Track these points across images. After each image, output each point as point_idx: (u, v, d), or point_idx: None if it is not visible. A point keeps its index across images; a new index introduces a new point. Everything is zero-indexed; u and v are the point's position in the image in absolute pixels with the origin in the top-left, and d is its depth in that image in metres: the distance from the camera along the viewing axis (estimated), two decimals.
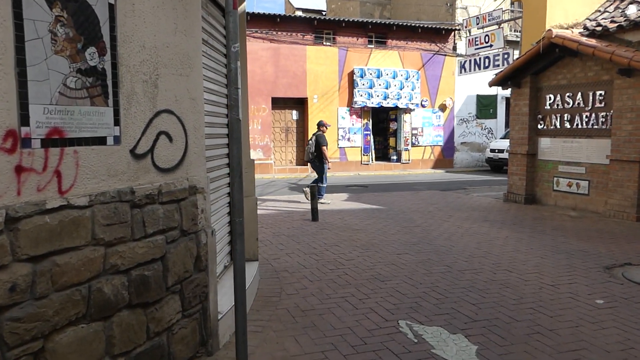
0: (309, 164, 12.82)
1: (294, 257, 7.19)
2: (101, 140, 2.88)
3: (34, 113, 2.47)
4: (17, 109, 2.40)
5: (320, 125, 12.73)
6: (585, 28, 11.35)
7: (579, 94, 11.18)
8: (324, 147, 12.30)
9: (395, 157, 24.39)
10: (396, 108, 23.57)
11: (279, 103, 22.06)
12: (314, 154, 12.38)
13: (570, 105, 11.42)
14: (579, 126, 11.24)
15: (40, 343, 2.55)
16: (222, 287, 4.73)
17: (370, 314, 4.92)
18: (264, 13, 21.02)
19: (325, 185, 12.61)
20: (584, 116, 11.12)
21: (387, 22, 23.53)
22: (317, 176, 12.64)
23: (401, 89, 23.03)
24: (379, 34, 23.28)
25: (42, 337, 2.56)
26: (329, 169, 12.57)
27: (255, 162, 20.98)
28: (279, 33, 21.41)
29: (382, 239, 8.35)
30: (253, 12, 20.78)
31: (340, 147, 22.65)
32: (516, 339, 4.35)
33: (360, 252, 7.50)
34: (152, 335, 3.33)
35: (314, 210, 10.19)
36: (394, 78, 22.88)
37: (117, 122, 2.98)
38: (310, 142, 12.53)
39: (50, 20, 2.53)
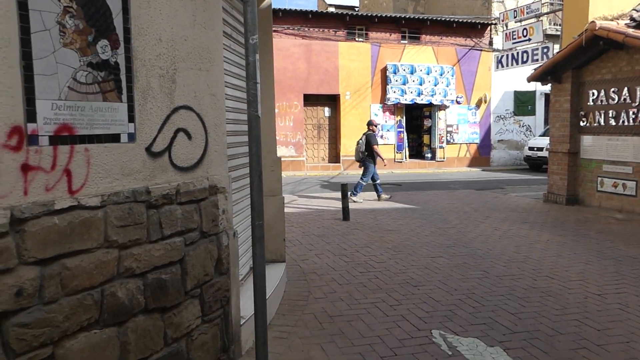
0: (358, 163, 12.69)
1: (323, 259, 7.00)
2: (114, 138, 2.75)
3: (41, 109, 2.35)
4: (23, 104, 2.27)
5: (370, 124, 12.59)
6: (632, 19, 10.75)
7: (625, 89, 10.59)
8: (376, 146, 12.20)
9: (429, 155, 23.91)
10: (430, 105, 23.09)
11: (311, 100, 21.90)
12: (364, 154, 12.25)
13: (616, 101, 10.83)
14: (625, 123, 10.65)
15: (50, 349, 2.43)
16: (246, 290, 4.57)
17: (402, 322, 4.67)
18: (295, 9, 20.90)
19: (364, 184, 12.41)
20: (631, 112, 10.53)
21: (421, 17, 23.05)
22: (373, 177, 12.47)
23: (435, 85, 22.53)
24: (413, 29, 22.84)
25: (52, 344, 2.44)
26: (385, 165, 12.51)
27: (287, 159, 20.92)
28: (311, 29, 21.25)
29: (415, 241, 8.07)
30: (285, 9, 20.68)
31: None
32: (560, 354, 4.03)
33: (392, 254, 7.24)
34: (170, 341, 3.19)
35: (345, 210, 9.98)
36: (428, 74, 22.41)
37: (131, 119, 2.84)
38: (360, 141, 12.38)
39: (58, 12, 2.40)
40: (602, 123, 11.16)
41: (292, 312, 4.91)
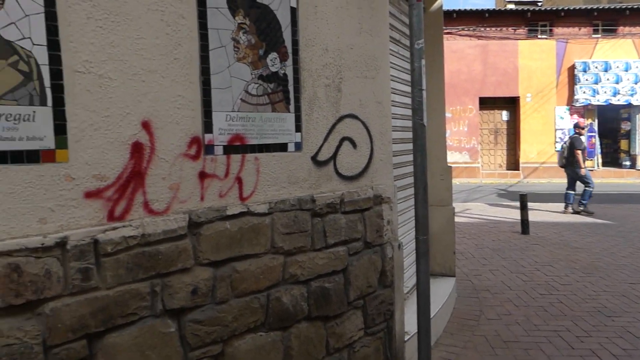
0: (563, 169, 11.54)
1: (497, 275, 6.49)
2: (282, 147, 2.83)
3: (217, 120, 2.51)
4: (202, 116, 2.45)
5: (576, 126, 11.46)
6: None
7: None
8: (578, 151, 10.95)
9: (628, 163, 20.98)
10: (629, 106, 20.27)
11: (487, 103, 20.80)
12: (568, 159, 11.17)
13: None
14: None
15: (220, 347, 2.57)
16: (412, 304, 4.39)
17: (591, 358, 4.06)
18: (470, 9, 20.09)
19: (592, 189, 11.15)
20: None
21: (618, 7, 20.40)
22: (575, 184, 11.32)
23: (636, 83, 19.72)
24: (607, 21, 20.33)
25: (222, 342, 2.58)
26: (583, 175, 11.08)
27: (461, 165, 20.11)
28: (488, 29, 20.21)
29: (609, 262, 7.07)
30: (459, 9, 20.00)
31: (557, 151, 20.39)
32: None
33: (579, 275, 6.43)
34: (331, 350, 3.19)
35: (525, 222, 9.19)
36: (626, 71, 19.72)
37: (298, 128, 2.90)
38: (563, 145, 11.38)
39: (233, 29, 2.55)
40: None
41: (461, 332, 4.61)
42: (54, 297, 1.92)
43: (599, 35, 20.28)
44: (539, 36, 20.45)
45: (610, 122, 21.87)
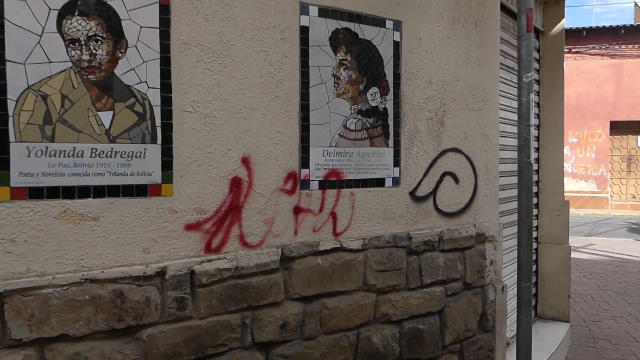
0: None
1: (621, 323, 5.84)
2: (379, 182, 2.80)
3: (313, 155, 2.54)
4: (299, 152, 2.49)
5: None
6: None
7: None
8: None
9: None
10: None
11: (619, 127, 18.99)
12: None
13: None
14: None
15: None
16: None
17: None
18: (603, 26, 18.57)
19: None
20: None
21: None
22: None
23: None
24: None
25: None
26: None
27: (586, 195, 18.54)
28: (623, 47, 18.53)
29: None
30: (590, 27, 18.59)
31: None
32: None
33: None
34: None
35: None
36: None
37: (396, 163, 2.85)
38: None
39: (334, 65, 2.58)
40: None
41: None
42: (151, 323, 2.05)
43: None
44: None
45: None
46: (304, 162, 2.51)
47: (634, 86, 18.42)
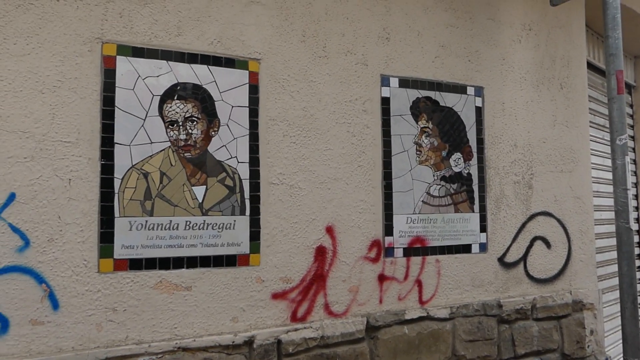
0: None
1: None
2: (465, 248, 2.72)
3: (397, 223, 2.53)
4: (382, 219, 2.50)
5: None
6: None
7: None
8: None
9: None
10: None
11: None
12: None
13: None
14: None
15: None
16: None
17: None
18: None
19: None
20: None
21: None
22: None
23: None
24: None
25: None
26: None
27: None
28: None
29: None
30: None
31: None
32: None
33: None
34: None
35: None
36: None
37: (483, 228, 2.77)
38: None
39: (416, 133, 2.60)
40: None
41: None
42: None
43: None
44: None
45: None
46: (388, 230, 2.50)
47: None
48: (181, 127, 2.08)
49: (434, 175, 2.64)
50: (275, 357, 2.16)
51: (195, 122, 2.10)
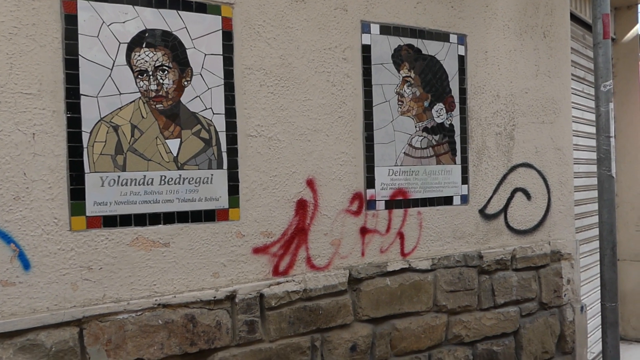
0: None
1: None
2: (447, 200, 2.70)
3: (379, 175, 2.49)
4: (364, 172, 2.45)
5: None
6: None
7: None
8: None
9: None
10: None
11: None
12: None
13: None
14: None
15: None
16: None
17: None
18: None
19: None
20: None
21: None
22: None
23: None
24: None
25: None
26: None
27: None
28: None
29: None
30: None
31: None
32: None
33: None
34: None
35: None
36: None
37: (465, 180, 2.75)
38: None
39: (397, 83, 2.53)
40: None
41: None
42: (222, 347, 2.05)
43: None
44: None
45: None
46: (370, 182, 2.46)
47: None
48: (151, 77, 1.97)
49: (416, 127, 2.58)
50: (258, 311, 2.14)
51: (166, 72, 1.99)
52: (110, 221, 1.90)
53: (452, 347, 2.73)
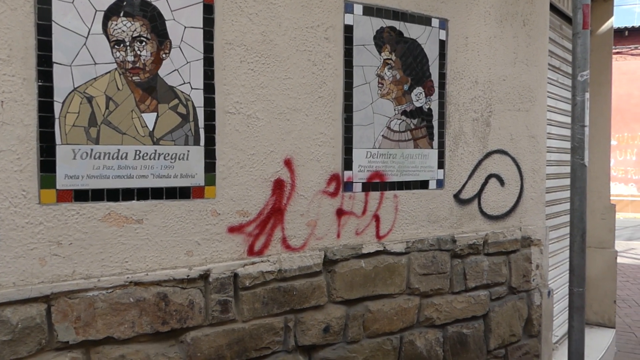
0: None
1: None
2: (423, 184, 2.72)
3: (357, 157, 2.48)
4: (342, 153, 2.44)
5: None
6: None
7: None
8: None
9: None
10: None
11: None
12: None
13: None
14: None
15: None
16: (560, 356, 3.96)
17: None
18: None
19: None
20: None
21: None
22: None
23: None
24: None
25: None
26: None
27: (626, 199, 17.97)
28: None
29: None
30: (631, 27, 17.91)
31: None
32: None
33: None
34: None
35: None
36: None
37: (441, 165, 2.77)
38: None
39: (378, 65, 2.51)
40: None
41: None
42: (195, 326, 2.03)
43: None
44: None
45: None
46: (347, 164, 2.45)
47: None
48: (128, 47, 1.90)
49: (395, 110, 2.58)
50: (232, 290, 2.12)
51: (144, 43, 1.93)
52: (81, 195, 1.84)
53: (423, 329, 2.77)
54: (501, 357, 3.13)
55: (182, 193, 2.02)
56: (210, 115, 2.06)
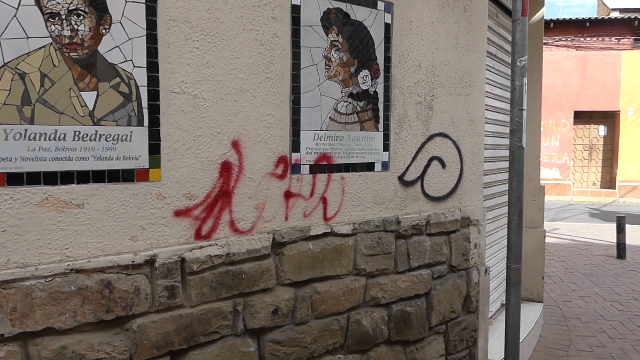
0: None
1: (589, 302, 6.03)
2: (369, 166, 2.75)
3: (304, 139, 2.47)
4: (290, 135, 2.42)
5: None
6: None
7: None
8: None
9: None
10: None
11: (582, 117, 19.48)
12: None
13: None
14: None
15: None
16: (495, 329, 4.18)
17: None
18: (569, 19, 18.88)
19: None
20: None
21: None
22: None
23: None
24: None
25: None
26: None
27: (550, 182, 19.00)
28: (587, 39, 18.92)
29: None
30: (557, 19, 18.88)
31: None
32: None
33: None
34: None
35: (621, 246, 8.49)
36: None
37: (386, 147, 2.81)
38: None
39: (325, 46, 2.50)
40: None
41: None
42: (141, 313, 1.96)
43: None
44: None
45: None
46: (295, 146, 2.44)
47: (598, 77, 18.87)
48: (64, 21, 1.79)
49: (342, 92, 2.58)
50: (179, 275, 2.06)
51: (81, 17, 1.82)
52: (15, 179, 1.72)
53: (369, 308, 2.83)
54: (442, 332, 3.25)
55: (126, 176, 1.93)
56: (154, 95, 1.98)
